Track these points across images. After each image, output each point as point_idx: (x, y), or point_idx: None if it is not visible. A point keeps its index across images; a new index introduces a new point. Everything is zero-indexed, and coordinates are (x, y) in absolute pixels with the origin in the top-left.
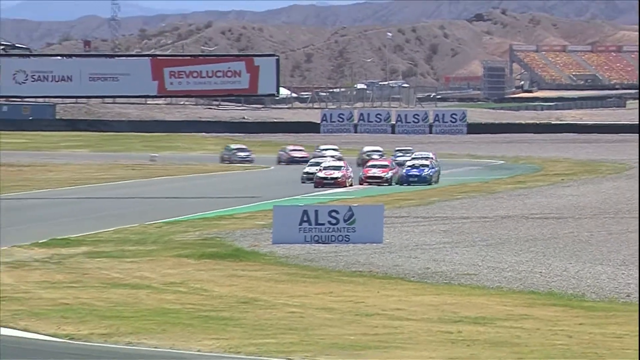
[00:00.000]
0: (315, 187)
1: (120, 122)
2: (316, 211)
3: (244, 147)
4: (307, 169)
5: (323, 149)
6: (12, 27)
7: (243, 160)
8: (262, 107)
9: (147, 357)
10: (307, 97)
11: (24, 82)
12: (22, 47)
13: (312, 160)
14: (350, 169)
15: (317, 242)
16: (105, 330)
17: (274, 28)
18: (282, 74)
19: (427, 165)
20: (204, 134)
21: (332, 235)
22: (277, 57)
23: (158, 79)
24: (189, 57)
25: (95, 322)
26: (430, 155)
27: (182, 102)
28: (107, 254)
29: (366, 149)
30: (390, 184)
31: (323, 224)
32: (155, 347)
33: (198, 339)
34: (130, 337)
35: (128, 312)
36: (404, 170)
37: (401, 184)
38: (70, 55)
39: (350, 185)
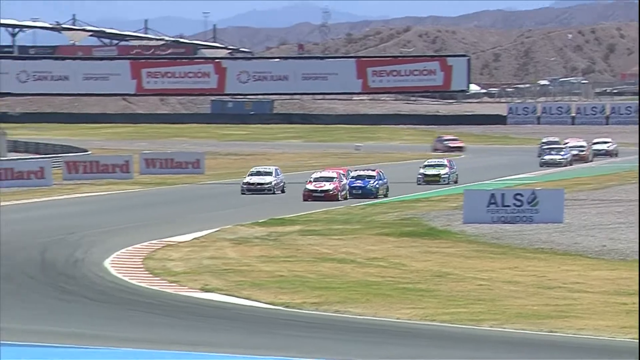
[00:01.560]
0: (304, 200)
1: (329, 116)
2: (502, 194)
3: (555, 139)
4: (247, 179)
5: (597, 142)
6: (236, 34)
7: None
8: (455, 102)
9: (353, 323)
10: (495, 93)
11: (247, 82)
12: (244, 51)
13: (252, 169)
14: (345, 180)
15: (503, 222)
16: (316, 300)
17: (465, 31)
18: (472, 72)
19: (372, 177)
20: (402, 125)
21: (517, 216)
22: (468, 57)
23: (362, 77)
24: (389, 58)
25: (308, 292)
26: (445, 162)
27: (383, 98)
28: (317, 232)
29: None
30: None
31: (509, 206)
32: (360, 315)
33: (397, 308)
34: (337, 305)
35: (336, 284)
36: (348, 182)
37: (345, 197)
38: (286, 58)
39: (345, 198)
